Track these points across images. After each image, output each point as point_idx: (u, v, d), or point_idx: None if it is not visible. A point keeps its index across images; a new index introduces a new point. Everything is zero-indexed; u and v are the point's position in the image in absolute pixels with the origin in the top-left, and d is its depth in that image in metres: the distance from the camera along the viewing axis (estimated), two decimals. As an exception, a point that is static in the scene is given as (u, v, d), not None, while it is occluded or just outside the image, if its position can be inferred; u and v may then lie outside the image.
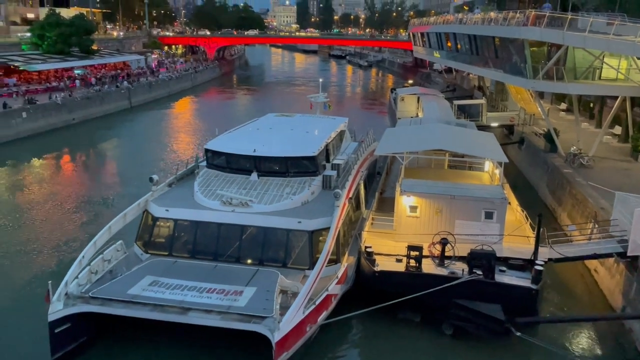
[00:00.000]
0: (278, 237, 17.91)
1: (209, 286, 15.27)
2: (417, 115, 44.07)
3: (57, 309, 14.34)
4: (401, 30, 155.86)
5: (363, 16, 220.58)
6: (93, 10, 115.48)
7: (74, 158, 44.16)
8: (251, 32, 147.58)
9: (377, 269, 17.49)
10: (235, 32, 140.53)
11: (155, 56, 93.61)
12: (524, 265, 17.81)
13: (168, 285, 15.26)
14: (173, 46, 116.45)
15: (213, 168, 21.65)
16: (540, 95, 36.34)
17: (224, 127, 25.51)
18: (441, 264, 17.89)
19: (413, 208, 20.03)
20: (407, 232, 19.57)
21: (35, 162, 40.99)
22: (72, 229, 26.58)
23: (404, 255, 17.75)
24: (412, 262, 17.46)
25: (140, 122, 59.59)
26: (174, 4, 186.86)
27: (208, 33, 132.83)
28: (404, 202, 20.07)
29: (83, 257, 16.08)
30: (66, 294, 14.77)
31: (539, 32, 30.45)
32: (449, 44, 51.30)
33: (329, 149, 23.39)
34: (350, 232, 20.31)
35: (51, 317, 14.23)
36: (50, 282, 14.63)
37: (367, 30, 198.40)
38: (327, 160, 22.88)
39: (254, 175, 20.65)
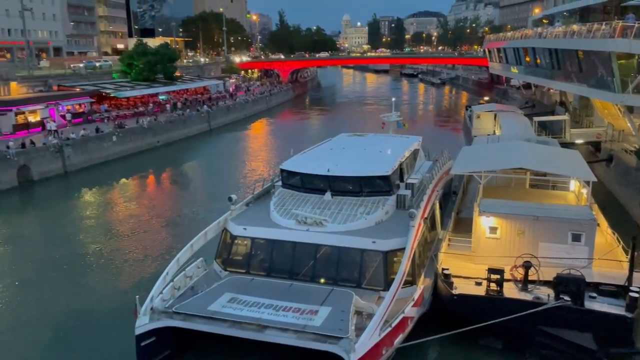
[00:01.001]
0: (352, 257, 17.81)
1: (285, 304, 15.41)
2: (494, 133, 42.67)
3: (143, 323, 15.01)
4: (475, 47, 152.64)
5: (435, 34, 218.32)
6: (176, 39, 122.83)
7: (158, 178, 46.63)
8: (322, 55, 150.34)
9: (455, 292, 16.91)
10: (307, 55, 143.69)
11: (233, 80, 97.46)
12: (617, 291, 16.55)
13: (246, 303, 15.56)
14: (249, 70, 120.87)
15: (288, 188, 22.00)
16: (630, 109, 34.05)
17: (299, 148, 25.98)
18: (524, 289, 17.01)
19: (493, 229, 19.27)
20: (486, 254, 18.83)
21: (124, 182, 43.73)
22: (157, 245, 27.96)
23: (484, 279, 17.07)
24: (493, 286, 16.73)
25: (219, 143, 62.05)
26: (250, 30, 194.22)
27: (282, 57, 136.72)
28: (483, 222, 19.37)
29: (167, 273, 16.79)
30: (151, 308, 15.41)
31: (627, 43, 28.70)
32: (528, 59, 49.53)
33: (402, 168, 23.12)
34: (426, 253, 19.85)
35: (138, 331, 14.91)
36: (137, 297, 15.38)
37: (440, 48, 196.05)
38: (401, 180, 22.61)
39: (328, 194, 20.76)
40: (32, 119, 49.39)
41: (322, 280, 17.46)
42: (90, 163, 45.91)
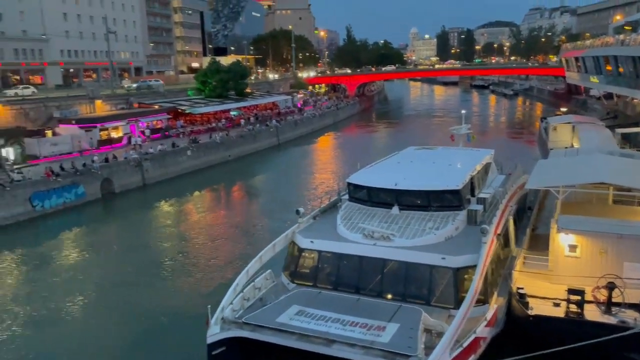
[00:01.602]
0: (421, 273, 17.39)
1: (352, 319, 15.27)
2: (572, 146, 40.51)
3: (214, 332, 15.39)
4: (551, 56, 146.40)
5: (508, 44, 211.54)
6: (247, 56, 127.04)
7: (228, 191, 48.12)
8: (389, 68, 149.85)
9: (531, 312, 16.07)
10: (373, 69, 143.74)
11: (301, 95, 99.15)
12: None
13: (313, 316, 15.57)
14: (317, 85, 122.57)
15: (355, 201, 21.91)
16: None
17: (365, 161, 25.89)
18: (608, 311, 15.89)
19: (572, 247, 18.21)
20: (565, 273, 17.80)
21: (197, 194, 45.50)
22: (227, 254, 28.80)
23: (563, 299, 16.12)
24: (573, 307, 15.76)
25: (287, 157, 63.18)
26: (318, 46, 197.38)
27: (349, 71, 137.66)
28: (562, 240, 18.35)
29: (237, 284, 17.16)
30: (222, 318, 15.78)
31: None
32: (609, 68, 46.83)
33: (473, 182, 22.40)
34: (499, 271, 19.05)
35: (210, 340, 15.29)
36: (209, 306, 15.83)
37: (513, 58, 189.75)
38: (472, 194, 21.91)
39: (395, 208, 20.46)
40: (114, 134, 52.64)
41: (390, 296, 17.17)
42: (166, 176, 48.17)
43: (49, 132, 48.14)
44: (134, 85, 73.63)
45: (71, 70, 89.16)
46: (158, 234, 34.36)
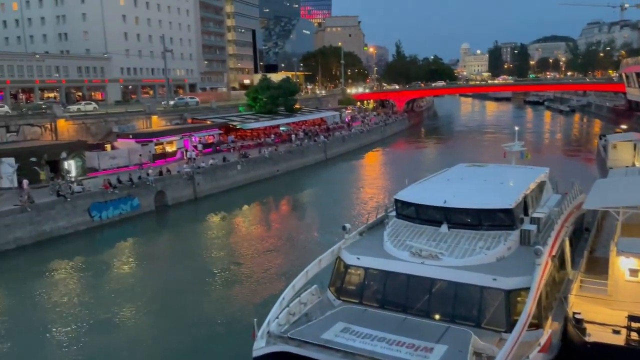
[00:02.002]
0: (470, 294, 16.88)
1: (399, 339, 14.97)
2: (633, 165, 38.61)
3: (260, 345, 15.46)
4: (610, 72, 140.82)
5: (564, 59, 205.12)
6: (297, 73, 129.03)
7: (276, 205, 48.67)
8: (439, 84, 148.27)
9: (588, 339, 15.27)
10: (422, 85, 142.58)
11: (349, 111, 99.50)
12: None
13: (359, 334, 15.38)
14: (365, 101, 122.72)
15: (402, 218, 21.60)
16: None
17: (413, 178, 25.55)
18: (673, 342, 14.88)
19: (634, 272, 17.23)
20: (625, 299, 16.84)
21: (246, 207, 46.27)
22: (274, 268, 29.06)
23: (623, 327, 15.24)
24: (635, 336, 14.86)
25: (334, 172, 63.34)
26: (367, 62, 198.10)
27: (397, 87, 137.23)
28: (622, 264, 17.41)
29: (283, 298, 17.21)
30: (268, 332, 15.84)
31: None
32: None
33: (527, 201, 21.65)
34: (554, 294, 18.24)
35: (255, 353, 15.38)
36: (255, 320, 15.97)
37: (569, 73, 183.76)
38: (526, 214, 21.17)
39: (444, 226, 20.02)
40: (168, 149, 54.44)
41: (438, 317, 16.74)
42: (217, 190, 49.27)
43: (108, 146, 50.40)
44: (171, 102, 73.43)
45: (130, 86, 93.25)
46: (208, 245, 35.17)
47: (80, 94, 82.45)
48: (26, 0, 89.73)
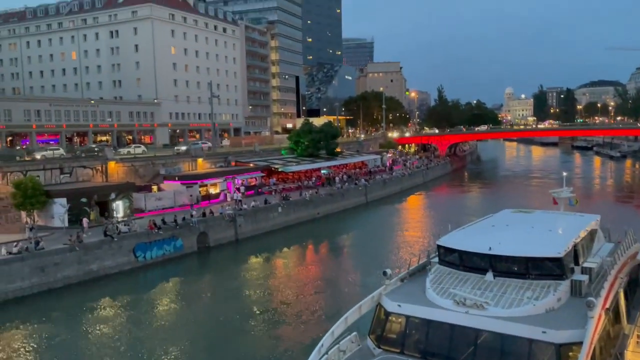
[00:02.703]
0: (518, 347, 16.04)
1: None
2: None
3: None
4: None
5: (613, 104, 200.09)
6: (339, 117, 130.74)
7: (316, 248, 48.45)
8: (482, 128, 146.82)
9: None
10: (464, 129, 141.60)
11: (390, 155, 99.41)
12: None
13: (399, 386, 14.81)
14: (406, 145, 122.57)
15: (445, 265, 21.02)
16: None
17: (456, 223, 24.97)
18: None
19: (697, 328, 16.02)
20: (690, 358, 15.60)
21: (286, 250, 46.29)
22: (312, 312, 28.68)
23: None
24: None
25: (375, 216, 62.79)
26: (409, 107, 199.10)
27: (436, 131, 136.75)
28: (684, 319, 16.23)
29: (322, 345, 16.83)
30: (305, 379, 15.48)
31: None
32: None
33: (577, 250, 20.72)
34: (608, 349, 17.12)
35: None
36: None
37: (619, 118, 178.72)
38: (576, 263, 20.21)
39: (489, 275, 19.31)
40: (212, 191, 55.60)
41: (483, 370, 15.95)
42: (258, 232, 49.63)
43: (154, 188, 51.97)
44: (183, 147, 68.53)
45: (177, 130, 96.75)
46: (248, 287, 35.19)
47: (130, 137, 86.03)
48: (85, 50, 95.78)
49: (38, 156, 51.71)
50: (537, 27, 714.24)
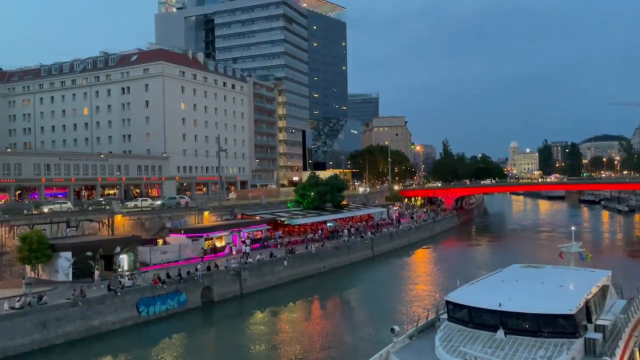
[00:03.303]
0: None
1: None
2: None
3: None
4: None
5: (618, 158, 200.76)
6: (344, 170, 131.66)
7: (322, 303, 47.51)
8: (487, 182, 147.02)
9: None
10: (467, 182, 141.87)
11: (396, 208, 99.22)
12: None
13: None
14: (412, 198, 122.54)
15: (454, 322, 20.55)
16: None
17: (465, 278, 24.64)
18: None
19: None
20: None
21: (291, 305, 45.40)
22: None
23: None
24: None
25: (382, 270, 61.95)
26: (414, 160, 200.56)
27: (439, 185, 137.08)
28: None
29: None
30: None
31: None
32: None
33: (589, 307, 20.26)
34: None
35: None
36: None
37: (625, 172, 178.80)
38: (589, 320, 19.71)
39: (500, 332, 18.84)
40: (217, 244, 55.34)
41: None
42: (263, 286, 48.91)
43: (160, 241, 51.83)
44: (157, 202, 64.72)
45: (184, 184, 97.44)
46: (253, 343, 34.33)
47: (138, 190, 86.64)
48: (96, 106, 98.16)
49: (45, 209, 52.00)
50: (540, 83, 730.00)
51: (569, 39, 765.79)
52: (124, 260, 44.80)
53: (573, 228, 31.78)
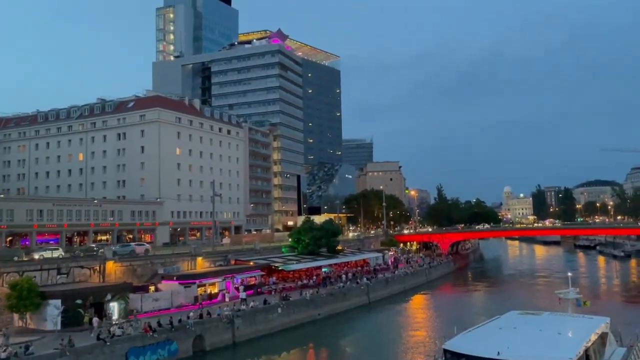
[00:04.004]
0: None
1: None
2: None
3: None
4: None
5: (612, 203, 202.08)
6: (339, 215, 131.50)
7: (317, 352, 46.30)
8: (481, 227, 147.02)
9: None
10: (459, 227, 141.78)
11: (392, 253, 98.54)
12: None
13: None
14: (408, 243, 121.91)
15: (453, 371, 20.09)
16: None
17: (462, 325, 24.26)
18: None
19: None
20: None
21: (285, 355, 44.23)
22: None
23: None
24: None
25: (378, 317, 60.80)
26: (409, 205, 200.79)
27: (429, 230, 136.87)
28: None
29: None
30: None
31: None
32: None
33: (589, 354, 19.95)
34: None
35: None
36: None
37: (619, 217, 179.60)
38: (590, 369, 19.31)
39: (500, 382, 18.39)
40: (210, 290, 54.40)
41: None
42: (256, 334, 47.77)
43: (151, 288, 50.89)
44: (114, 248, 57.95)
45: (178, 229, 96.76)
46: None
47: (131, 236, 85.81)
48: (92, 151, 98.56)
49: (36, 256, 51.26)
50: (531, 129, 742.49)
51: (558, 87, 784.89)
52: (115, 308, 43.86)
53: (569, 274, 31.59)
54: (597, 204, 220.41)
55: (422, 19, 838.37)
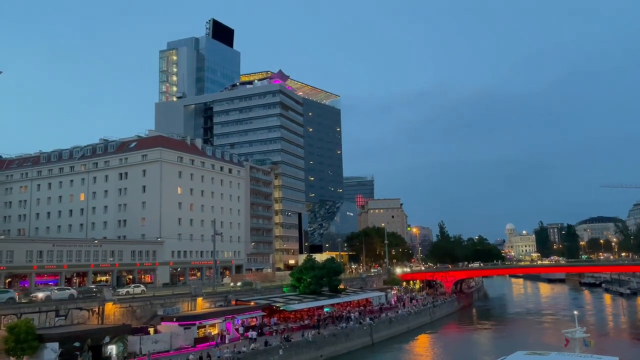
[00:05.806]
0: None
1: None
2: None
3: None
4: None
5: (615, 240, 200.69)
6: (341, 253, 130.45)
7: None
8: (483, 264, 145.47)
9: None
10: (460, 264, 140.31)
11: (395, 292, 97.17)
12: None
13: None
14: (411, 281, 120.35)
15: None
16: None
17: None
18: None
19: None
20: None
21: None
22: None
23: None
24: None
25: (382, 359, 59.34)
26: (411, 242, 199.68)
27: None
28: None
29: None
30: None
31: None
32: None
33: (600, 397, 19.31)
34: None
35: None
36: None
37: (623, 254, 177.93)
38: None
39: None
40: (210, 331, 53.38)
41: None
42: (256, 377, 46.56)
43: (151, 330, 50.00)
44: (55, 294, 50.71)
45: (178, 269, 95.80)
46: None
47: (130, 276, 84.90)
48: (93, 191, 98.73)
49: (40, 295, 50.18)
50: (531, 165, 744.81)
51: (556, 124, 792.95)
52: (113, 350, 42.99)
53: (576, 312, 31.07)
54: (601, 241, 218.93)
55: (422, 59, 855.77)
